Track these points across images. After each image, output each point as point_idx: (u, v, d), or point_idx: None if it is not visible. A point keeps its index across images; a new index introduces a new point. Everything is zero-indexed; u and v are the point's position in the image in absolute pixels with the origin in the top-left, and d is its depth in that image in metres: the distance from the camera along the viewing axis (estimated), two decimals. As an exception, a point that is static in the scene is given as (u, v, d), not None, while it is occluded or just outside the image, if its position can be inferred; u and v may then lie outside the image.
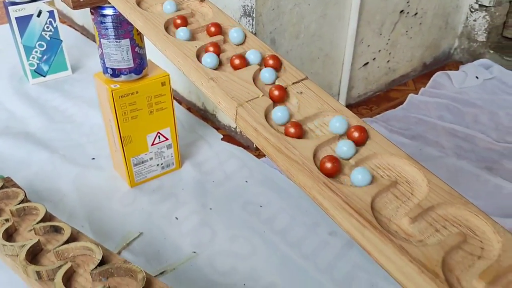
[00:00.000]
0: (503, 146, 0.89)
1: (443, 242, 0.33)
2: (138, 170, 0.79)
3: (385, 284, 0.63)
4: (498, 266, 0.32)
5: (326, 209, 0.36)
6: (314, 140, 0.39)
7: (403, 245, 0.32)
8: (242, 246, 0.70)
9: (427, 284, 0.30)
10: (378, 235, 0.33)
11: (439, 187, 0.36)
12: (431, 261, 0.31)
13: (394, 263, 0.32)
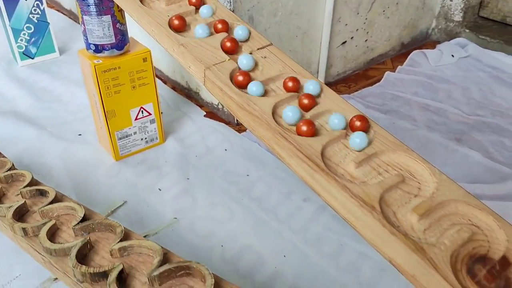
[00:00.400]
0: (473, 119, 0.93)
1: (383, 182, 0.37)
2: (123, 144, 0.82)
3: (353, 242, 0.68)
4: (431, 202, 0.36)
5: (283, 158, 0.40)
6: (273, 98, 0.43)
7: (346, 185, 0.36)
8: (220, 212, 0.74)
9: (365, 216, 0.34)
10: (325, 177, 0.37)
11: (383, 137, 0.40)
12: (370, 197, 0.35)
13: (338, 200, 0.36)
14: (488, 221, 0.35)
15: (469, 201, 0.36)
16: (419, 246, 0.32)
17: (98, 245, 0.50)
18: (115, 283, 0.42)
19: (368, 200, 0.35)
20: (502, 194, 0.74)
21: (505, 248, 0.33)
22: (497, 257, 0.33)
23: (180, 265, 0.44)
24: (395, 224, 0.34)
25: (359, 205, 0.35)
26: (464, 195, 0.36)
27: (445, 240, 0.33)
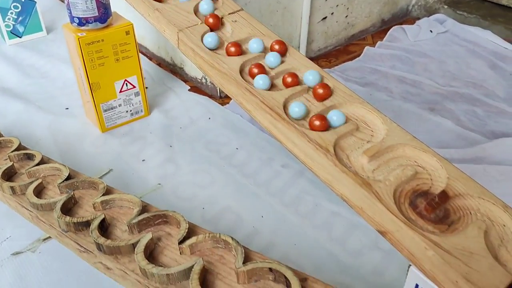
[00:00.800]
0: (447, 90, 0.97)
1: (339, 130, 0.40)
2: (108, 116, 0.85)
3: (327, 203, 0.71)
4: (381, 146, 0.39)
5: (250, 111, 0.43)
6: (241, 57, 0.46)
7: (304, 131, 0.40)
8: (202, 178, 0.77)
9: (320, 158, 0.38)
10: (286, 125, 0.40)
11: (342, 91, 0.44)
12: (325, 142, 0.39)
13: (297, 145, 0.39)
14: (432, 162, 0.39)
15: (415, 145, 0.39)
16: (366, 182, 0.36)
17: (82, 200, 0.53)
18: (97, 230, 0.46)
19: (323, 144, 0.38)
20: (469, 158, 0.78)
21: (446, 184, 0.37)
22: (438, 192, 0.36)
23: (158, 214, 0.47)
24: (347, 165, 0.38)
25: (315, 148, 0.38)
26: (411, 140, 0.40)
27: (391, 177, 0.37)
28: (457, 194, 0.37)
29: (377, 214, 0.35)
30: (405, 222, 0.34)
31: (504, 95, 0.96)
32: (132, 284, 0.43)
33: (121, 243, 0.43)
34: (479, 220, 0.34)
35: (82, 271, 0.58)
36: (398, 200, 0.36)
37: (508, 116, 0.89)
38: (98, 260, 0.44)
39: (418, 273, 0.34)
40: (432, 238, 0.33)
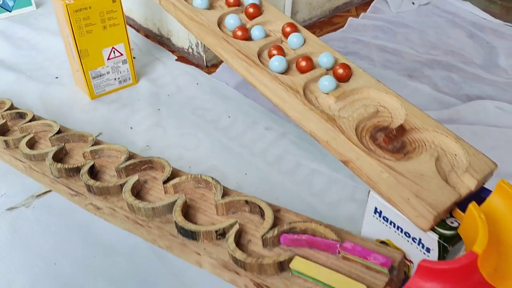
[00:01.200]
0: (426, 58, 1.00)
1: (309, 74, 0.44)
2: (97, 83, 0.88)
3: (308, 162, 0.75)
4: (346, 87, 0.43)
5: (227, 60, 0.47)
6: (219, 10, 0.49)
7: (276, 75, 0.43)
8: (189, 140, 0.80)
9: (290, 98, 0.41)
10: (259, 71, 0.43)
11: (313, 42, 0.47)
12: (296, 85, 0.42)
13: (270, 88, 0.43)
14: (393, 102, 0.42)
15: (379, 88, 0.43)
16: (331, 117, 0.40)
17: (72, 152, 0.56)
18: (87, 174, 0.49)
19: (293, 87, 0.42)
20: (444, 119, 0.82)
21: (403, 120, 0.41)
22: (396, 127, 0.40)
23: (144, 160, 0.50)
24: (315, 105, 0.42)
25: (286, 90, 0.42)
26: (375, 83, 0.43)
27: (354, 114, 0.41)
28: (413, 128, 0.40)
29: (340, 146, 0.39)
30: (365, 151, 0.37)
31: (480, 62, 1.00)
32: (121, 220, 0.46)
33: (110, 184, 0.47)
34: (432, 149, 0.38)
35: (75, 225, 0.61)
36: (360, 134, 0.39)
37: (483, 81, 0.93)
38: (88, 202, 0.48)
39: (376, 196, 0.38)
40: (388, 163, 0.36)
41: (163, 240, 0.42)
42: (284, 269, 0.37)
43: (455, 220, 0.36)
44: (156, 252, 0.58)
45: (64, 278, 0.57)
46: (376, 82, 0.44)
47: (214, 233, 0.40)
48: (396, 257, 0.36)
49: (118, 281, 0.56)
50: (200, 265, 0.41)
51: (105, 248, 0.60)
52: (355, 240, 0.38)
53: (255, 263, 0.36)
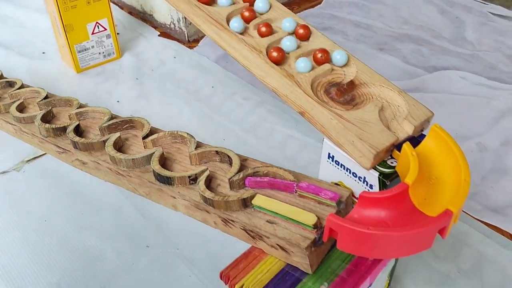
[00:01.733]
0: (397, 32, 1.06)
1: (272, 37, 0.49)
2: (82, 57, 0.92)
3: (282, 128, 0.80)
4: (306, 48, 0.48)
5: (199, 26, 0.51)
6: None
7: (243, 38, 0.48)
8: (171, 110, 0.85)
9: (254, 58, 0.46)
10: (228, 34, 0.48)
11: (278, 8, 0.52)
12: (259, 46, 0.47)
13: (237, 49, 0.48)
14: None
15: (334, 48, 0.48)
16: (290, 74, 0.45)
17: (59, 115, 0.61)
18: (73, 132, 0.54)
19: (257, 47, 0.47)
20: (410, 88, 0.88)
21: (354, 76, 0.46)
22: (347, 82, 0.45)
23: (125, 119, 0.55)
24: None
25: (250, 50, 0.46)
26: (331, 45, 0.48)
27: (311, 72, 0.46)
28: (362, 83, 0.45)
29: (297, 98, 0.44)
30: (318, 102, 0.43)
31: (449, 36, 1.06)
32: (104, 173, 0.51)
33: (94, 140, 0.51)
34: (377, 101, 0.44)
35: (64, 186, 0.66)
36: (315, 89, 0.45)
37: (450, 53, 0.99)
38: (75, 158, 0.53)
39: (329, 143, 0.43)
40: (337, 111, 0.42)
41: (143, 187, 0.47)
42: (247, 205, 0.42)
43: (395, 161, 0.42)
44: (140, 209, 0.63)
45: (54, 233, 0.62)
46: (332, 43, 0.49)
47: (187, 178, 0.45)
48: (344, 193, 0.42)
49: (105, 235, 0.61)
50: (176, 208, 0.46)
51: (92, 206, 0.65)
52: (311, 181, 0.44)
53: (222, 201, 0.42)
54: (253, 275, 0.39)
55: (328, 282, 0.38)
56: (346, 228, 0.35)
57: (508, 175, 0.69)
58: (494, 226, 0.62)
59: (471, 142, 0.75)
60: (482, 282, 0.56)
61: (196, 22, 0.51)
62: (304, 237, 0.38)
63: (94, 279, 0.56)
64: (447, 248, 0.60)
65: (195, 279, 0.55)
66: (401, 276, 0.56)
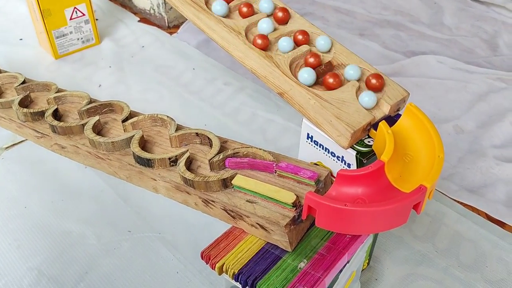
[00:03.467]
0: (377, 18, 1.06)
1: (250, 18, 0.49)
2: (60, 43, 0.91)
3: (263, 113, 0.81)
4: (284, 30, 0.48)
5: (178, 7, 0.51)
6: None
7: (221, 19, 0.48)
8: (152, 95, 0.85)
9: (233, 39, 0.46)
10: (206, 15, 0.48)
11: (256, -10, 0.52)
12: (238, 27, 0.47)
13: (215, 30, 0.48)
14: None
15: (312, 30, 0.48)
16: (269, 55, 0.45)
17: (37, 99, 0.60)
18: (51, 116, 0.53)
19: (236, 28, 0.47)
20: (389, 73, 0.89)
21: (332, 58, 0.46)
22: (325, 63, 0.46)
23: (104, 103, 0.55)
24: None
25: (229, 31, 0.46)
26: (309, 26, 0.49)
27: (289, 53, 0.46)
28: (340, 64, 0.46)
29: (276, 79, 0.44)
30: (296, 82, 0.43)
31: (427, 21, 1.07)
32: (84, 157, 0.51)
33: (73, 123, 0.51)
34: (355, 81, 0.44)
35: (43, 173, 0.66)
36: (294, 70, 0.45)
37: (428, 38, 1.00)
38: (53, 142, 0.52)
39: (308, 123, 0.44)
40: (315, 92, 0.42)
41: (123, 170, 0.47)
42: (227, 185, 0.43)
43: (372, 140, 0.42)
44: (121, 194, 0.63)
45: (34, 219, 0.61)
46: (310, 25, 0.49)
47: (167, 160, 0.45)
48: (322, 173, 0.43)
49: (86, 220, 0.61)
50: (156, 190, 0.46)
51: (73, 192, 0.64)
52: (290, 161, 0.44)
53: (202, 181, 0.42)
54: (233, 254, 0.39)
55: (307, 259, 0.39)
56: (324, 205, 0.35)
57: (484, 156, 0.71)
58: (470, 206, 0.64)
59: (448, 125, 0.77)
60: (458, 260, 0.57)
61: (174, 4, 0.51)
62: (283, 216, 0.39)
63: (76, 264, 0.56)
64: (425, 227, 0.62)
65: (177, 263, 0.56)
66: (380, 255, 0.58)
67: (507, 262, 0.56)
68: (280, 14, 0.48)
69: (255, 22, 0.49)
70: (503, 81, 0.85)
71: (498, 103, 0.81)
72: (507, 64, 0.92)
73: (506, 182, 0.66)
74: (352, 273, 0.44)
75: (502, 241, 0.59)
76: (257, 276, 0.38)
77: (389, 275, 0.55)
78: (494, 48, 0.97)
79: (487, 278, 0.55)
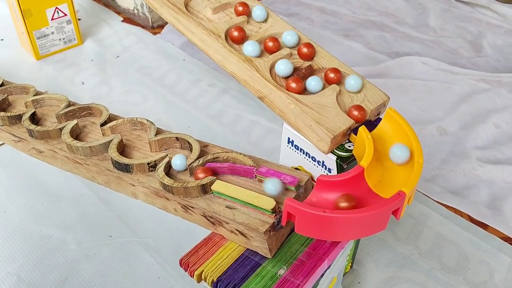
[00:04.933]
0: (362, 19, 1.06)
1: (230, 21, 0.48)
2: (42, 43, 0.89)
3: (247, 114, 0.80)
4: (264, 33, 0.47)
5: (157, 9, 0.50)
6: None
7: (201, 22, 0.47)
8: (135, 97, 0.84)
9: (213, 42, 0.46)
10: (185, 17, 0.47)
11: (236, -8, 0.51)
12: (218, 30, 0.47)
13: (194, 33, 0.47)
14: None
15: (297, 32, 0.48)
16: (249, 58, 0.44)
17: (15, 103, 0.59)
18: (28, 120, 0.52)
19: (216, 31, 0.46)
20: (373, 74, 0.89)
21: (312, 61, 0.46)
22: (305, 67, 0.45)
23: (83, 106, 0.54)
24: (236, 49, 0.46)
25: (209, 35, 0.46)
26: (291, 29, 0.48)
27: (270, 56, 0.45)
28: (320, 68, 0.46)
29: (256, 83, 0.43)
30: (276, 86, 0.42)
31: (412, 22, 1.07)
32: (62, 162, 0.50)
33: (50, 127, 0.50)
34: (335, 85, 0.44)
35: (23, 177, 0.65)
36: (274, 74, 0.45)
37: (412, 40, 1.00)
38: (31, 146, 0.51)
39: (288, 127, 0.43)
40: (295, 96, 0.42)
41: (101, 176, 0.47)
42: (207, 191, 0.42)
43: (352, 144, 0.42)
44: (101, 198, 0.62)
45: (13, 223, 0.60)
46: (291, 27, 0.48)
47: (146, 165, 0.44)
48: (303, 178, 0.42)
49: (66, 225, 0.60)
50: (135, 196, 0.45)
51: (52, 196, 0.63)
52: (271, 166, 0.44)
53: (181, 187, 0.41)
54: (212, 261, 0.39)
55: (287, 266, 0.39)
56: (303, 212, 0.35)
57: (467, 158, 0.71)
58: (453, 208, 0.64)
59: (432, 126, 0.77)
60: (441, 262, 0.57)
61: (153, 6, 0.50)
62: (262, 222, 0.38)
63: (55, 269, 0.55)
64: (408, 230, 0.62)
65: (159, 268, 0.55)
66: (363, 258, 0.58)
67: (490, 264, 0.57)
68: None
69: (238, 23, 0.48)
70: (487, 82, 0.86)
71: (482, 105, 0.81)
72: (491, 65, 0.92)
73: (489, 184, 0.66)
74: (333, 279, 0.43)
75: (485, 243, 0.59)
76: (236, 284, 0.37)
77: (372, 278, 0.55)
78: (478, 49, 0.97)
79: (469, 280, 0.55)
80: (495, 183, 0.66)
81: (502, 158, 0.71)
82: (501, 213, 0.62)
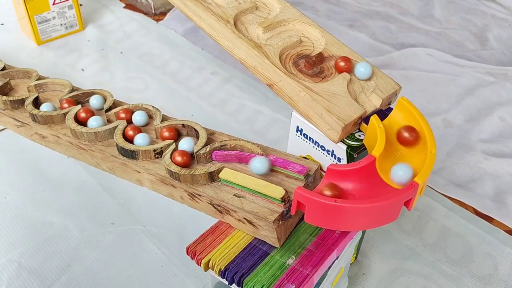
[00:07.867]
0: (367, 9, 1.05)
1: (239, 6, 0.47)
2: (43, 28, 0.88)
3: (251, 103, 0.79)
4: (274, 20, 0.47)
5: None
6: None
7: (209, 7, 0.46)
8: (137, 84, 0.83)
9: (221, 28, 0.45)
10: (194, 2, 0.46)
11: (245, -23, 0.50)
12: (226, 15, 0.46)
13: (203, 18, 0.46)
14: (315, 33, 0.46)
15: (303, 20, 0.47)
16: (258, 45, 0.44)
17: (18, 87, 0.58)
18: (31, 104, 0.51)
19: (224, 17, 0.45)
20: (378, 65, 0.88)
21: (323, 49, 0.45)
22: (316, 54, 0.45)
23: (86, 92, 0.53)
24: (245, 34, 0.45)
25: (217, 20, 0.45)
26: (300, 16, 0.47)
27: (279, 43, 0.45)
28: (331, 55, 0.45)
29: (265, 70, 0.43)
30: (286, 74, 0.42)
31: (417, 13, 1.06)
32: (65, 147, 0.49)
33: (54, 112, 0.49)
34: (346, 73, 0.43)
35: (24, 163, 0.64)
36: (284, 60, 0.44)
37: (417, 31, 0.99)
38: (34, 131, 0.50)
39: (297, 115, 0.43)
40: (305, 83, 0.41)
41: (106, 162, 0.46)
42: (214, 179, 0.41)
43: (362, 134, 0.41)
44: (104, 185, 0.62)
45: (14, 210, 0.59)
46: (300, 14, 0.48)
47: (152, 152, 0.44)
48: (312, 167, 0.42)
49: (68, 212, 0.59)
50: (141, 183, 0.45)
51: (54, 183, 0.63)
52: (279, 155, 0.43)
53: (188, 174, 0.41)
54: (220, 250, 0.38)
55: (296, 255, 0.38)
56: (313, 201, 0.34)
57: (472, 150, 0.70)
58: (458, 201, 0.64)
59: (437, 118, 0.77)
60: (446, 255, 0.57)
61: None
62: (271, 211, 0.38)
63: (57, 257, 0.54)
64: (413, 222, 0.61)
65: (162, 256, 0.54)
66: (368, 250, 0.57)
67: (494, 257, 0.56)
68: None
69: (244, 10, 0.47)
70: (492, 75, 0.85)
71: (487, 97, 0.80)
72: (496, 58, 0.91)
73: (494, 177, 0.66)
74: (341, 269, 0.43)
75: (490, 236, 0.59)
76: (244, 272, 0.37)
77: (376, 270, 0.55)
78: (483, 42, 0.97)
79: (474, 273, 0.55)
80: (500, 176, 0.66)
81: (507, 151, 0.70)
82: (506, 206, 0.62)
